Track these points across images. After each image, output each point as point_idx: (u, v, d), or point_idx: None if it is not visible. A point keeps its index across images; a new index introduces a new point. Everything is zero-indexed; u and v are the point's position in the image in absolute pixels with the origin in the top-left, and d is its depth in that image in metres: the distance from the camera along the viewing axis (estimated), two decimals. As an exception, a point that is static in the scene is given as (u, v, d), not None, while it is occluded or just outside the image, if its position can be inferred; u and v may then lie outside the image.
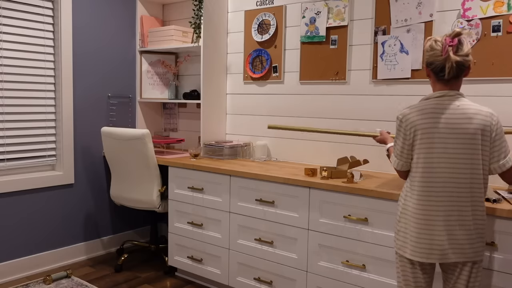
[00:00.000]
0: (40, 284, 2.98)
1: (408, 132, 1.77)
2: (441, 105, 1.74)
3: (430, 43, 1.78)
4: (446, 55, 1.71)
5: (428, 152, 1.73)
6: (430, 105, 1.76)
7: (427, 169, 1.73)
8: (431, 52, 1.76)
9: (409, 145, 1.78)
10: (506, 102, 2.36)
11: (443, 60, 1.73)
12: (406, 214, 1.79)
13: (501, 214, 1.88)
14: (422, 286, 1.81)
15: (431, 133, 1.72)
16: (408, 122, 1.77)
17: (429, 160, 1.73)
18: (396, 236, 1.84)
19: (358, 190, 2.27)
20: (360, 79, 2.83)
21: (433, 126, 1.72)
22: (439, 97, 1.77)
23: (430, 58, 1.77)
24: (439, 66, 1.74)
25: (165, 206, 3.19)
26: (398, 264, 1.85)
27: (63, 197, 3.35)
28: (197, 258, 3.01)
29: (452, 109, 1.73)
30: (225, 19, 3.43)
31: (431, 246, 1.73)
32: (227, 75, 3.49)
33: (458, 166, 1.71)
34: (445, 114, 1.72)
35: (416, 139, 1.76)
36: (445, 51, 1.72)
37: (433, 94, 1.79)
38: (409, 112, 1.79)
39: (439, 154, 1.72)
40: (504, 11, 2.32)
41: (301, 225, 2.51)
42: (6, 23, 2.99)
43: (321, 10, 2.94)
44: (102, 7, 3.48)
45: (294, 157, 3.17)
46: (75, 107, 3.36)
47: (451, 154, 1.71)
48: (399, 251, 1.82)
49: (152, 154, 3.06)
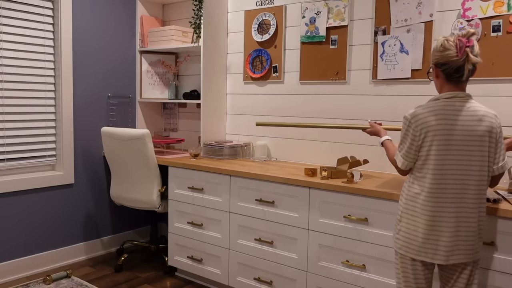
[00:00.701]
0: (40, 284, 2.98)
1: (418, 133, 1.74)
2: (453, 106, 1.72)
3: (442, 43, 1.73)
4: (464, 56, 1.68)
5: (442, 154, 1.70)
6: (440, 106, 1.73)
7: (439, 170, 1.71)
8: (445, 53, 1.71)
9: (417, 146, 1.75)
10: (506, 102, 2.36)
11: (461, 61, 1.69)
12: (410, 214, 1.78)
13: (501, 214, 1.88)
14: (423, 285, 1.81)
15: (445, 135, 1.70)
16: (419, 123, 1.73)
17: (441, 162, 1.71)
18: (397, 235, 1.83)
19: (358, 190, 2.27)
20: (360, 79, 2.83)
21: (446, 128, 1.70)
22: (449, 98, 1.74)
23: (443, 58, 1.72)
24: (454, 67, 1.71)
25: (165, 206, 3.19)
26: (399, 265, 1.84)
27: (63, 197, 3.35)
28: (197, 258, 3.01)
29: (464, 111, 1.71)
30: (225, 19, 3.43)
31: (437, 247, 1.73)
32: (227, 75, 3.49)
33: (470, 168, 1.71)
34: (458, 116, 1.71)
35: (427, 140, 1.72)
36: (462, 52, 1.68)
37: (443, 95, 1.76)
38: (419, 113, 1.75)
39: (453, 156, 1.70)
40: (504, 11, 2.32)
41: (301, 225, 2.51)
42: (6, 23, 2.99)
43: (321, 10, 2.94)
44: (102, 7, 3.48)
45: (294, 157, 3.17)
46: (75, 107, 3.36)
47: (463, 156, 1.70)
48: (400, 251, 1.81)
49: (152, 154, 3.06)
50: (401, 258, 1.83)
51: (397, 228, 1.84)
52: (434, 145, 1.71)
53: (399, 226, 1.83)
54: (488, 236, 1.95)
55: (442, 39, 1.75)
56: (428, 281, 1.82)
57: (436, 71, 1.78)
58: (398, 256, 1.85)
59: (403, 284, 1.84)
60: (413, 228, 1.77)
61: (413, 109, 1.78)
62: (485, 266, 1.96)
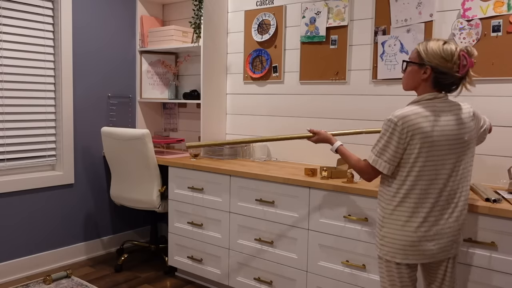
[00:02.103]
0: (40, 284, 2.98)
1: (404, 135, 1.69)
2: (434, 107, 1.73)
3: (450, 49, 1.70)
4: (462, 76, 1.71)
5: (426, 156, 1.70)
6: (424, 109, 1.71)
7: (422, 172, 1.71)
8: (449, 64, 1.69)
9: (403, 149, 1.71)
10: (506, 102, 2.36)
11: (457, 78, 1.71)
12: (394, 219, 1.76)
13: (501, 214, 1.88)
14: (408, 286, 1.82)
15: (429, 137, 1.69)
16: (406, 125, 1.68)
17: (425, 164, 1.71)
18: (381, 242, 1.80)
19: (358, 190, 2.27)
20: (360, 79, 2.83)
21: (430, 130, 1.69)
22: (430, 100, 1.74)
23: (445, 68, 1.70)
24: (450, 80, 1.71)
25: (165, 206, 3.19)
26: (384, 269, 1.83)
27: (63, 197, 3.35)
28: (197, 258, 3.01)
29: (446, 111, 1.73)
30: (225, 19, 3.43)
31: (424, 247, 1.74)
32: (227, 75, 3.49)
33: (452, 168, 1.73)
34: (440, 116, 1.71)
35: (412, 143, 1.69)
36: (465, 70, 1.70)
37: (424, 96, 1.75)
38: (406, 115, 1.69)
39: (436, 157, 1.71)
40: (504, 11, 2.32)
41: (301, 225, 2.51)
42: (6, 23, 2.99)
43: (321, 10, 2.94)
44: (102, 7, 3.48)
45: (294, 157, 3.17)
46: (75, 107, 3.36)
47: (446, 156, 1.72)
48: (387, 257, 1.79)
49: (152, 154, 3.06)
50: (386, 262, 1.80)
51: (381, 234, 1.80)
52: (418, 147, 1.69)
53: (382, 232, 1.79)
54: (488, 236, 1.95)
55: (451, 44, 1.71)
56: (413, 281, 1.83)
57: (430, 71, 1.72)
58: (383, 261, 1.82)
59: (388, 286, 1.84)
60: (399, 232, 1.74)
61: (398, 112, 1.72)
62: (485, 266, 1.96)
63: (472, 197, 2.06)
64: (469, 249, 1.99)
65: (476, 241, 1.96)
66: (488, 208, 1.91)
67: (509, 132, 2.34)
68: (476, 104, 2.43)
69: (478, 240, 1.97)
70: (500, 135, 2.37)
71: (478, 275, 1.98)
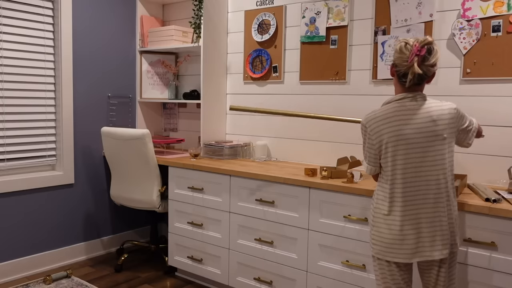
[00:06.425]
0: (40, 284, 2.98)
1: (373, 136, 1.78)
2: (404, 106, 1.75)
3: (400, 46, 1.77)
4: (410, 64, 1.71)
5: (400, 156, 1.73)
6: (393, 109, 1.77)
7: (399, 171, 1.74)
8: (399, 55, 1.76)
9: (376, 150, 1.79)
10: (506, 102, 2.36)
11: (406, 68, 1.73)
12: (381, 218, 1.80)
13: (501, 214, 1.88)
14: (401, 285, 1.83)
15: (399, 136, 1.73)
16: (372, 128, 1.78)
17: (399, 164, 1.74)
18: (373, 241, 1.85)
19: (358, 190, 2.27)
20: (360, 79, 2.83)
21: (400, 129, 1.73)
22: (400, 100, 1.78)
23: (397, 60, 1.77)
24: (402, 71, 1.76)
25: (165, 206, 3.19)
26: (377, 267, 1.87)
27: (63, 197, 3.35)
28: (197, 258, 3.01)
29: (416, 110, 1.74)
30: (225, 19, 3.43)
31: (416, 247, 1.75)
32: (227, 75, 3.49)
33: (430, 166, 1.73)
34: (411, 115, 1.74)
35: (382, 144, 1.76)
36: (410, 59, 1.72)
37: (394, 97, 1.80)
38: (372, 118, 1.79)
39: (412, 155, 1.73)
40: (504, 11, 2.32)
41: (301, 225, 2.51)
42: (6, 23, 2.99)
43: (321, 10, 2.94)
44: (102, 7, 3.48)
45: (294, 157, 3.17)
46: (75, 107, 3.36)
47: (421, 154, 1.73)
48: (378, 255, 1.82)
49: (152, 154, 3.06)
50: (378, 260, 1.85)
51: (372, 233, 1.86)
52: (391, 146, 1.74)
53: (373, 231, 1.85)
54: (488, 236, 1.95)
55: (402, 41, 1.76)
56: (406, 282, 1.84)
57: (392, 70, 1.83)
58: (375, 259, 1.87)
59: (382, 286, 1.86)
60: (386, 231, 1.78)
61: (368, 114, 1.82)
62: (486, 266, 1.96)
63: (472, 197, 2.06)
64: (469, 249, 2.00)
65: (476, 241, 1.97)
66: (488, 208, 1.91)
67: (509, 132, 2.35)
68: (476, 104, 2.43)
69: (478, 240, 1.97)
70: (500, 135, 2.37)
71: (478, 275, 1.98)
